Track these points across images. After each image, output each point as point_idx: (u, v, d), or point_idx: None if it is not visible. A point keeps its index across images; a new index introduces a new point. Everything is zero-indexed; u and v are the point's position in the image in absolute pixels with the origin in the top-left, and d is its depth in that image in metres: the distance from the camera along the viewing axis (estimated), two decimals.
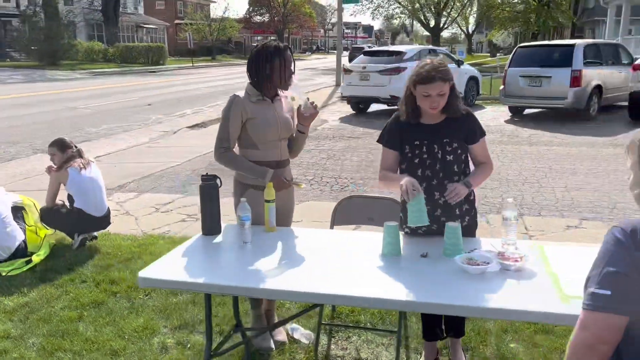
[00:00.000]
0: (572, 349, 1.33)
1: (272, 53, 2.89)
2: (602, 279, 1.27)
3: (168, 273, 2.30)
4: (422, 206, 2.42)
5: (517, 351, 3.04)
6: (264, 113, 2.94)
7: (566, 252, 2.43)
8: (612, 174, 7.08)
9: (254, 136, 2.93)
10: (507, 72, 12.48)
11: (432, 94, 2.49)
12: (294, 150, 3.15)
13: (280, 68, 2.89)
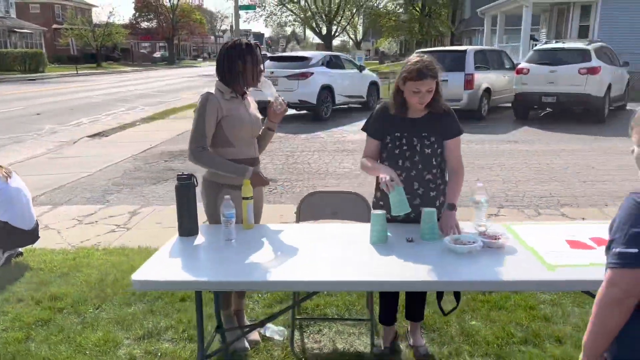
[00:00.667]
0: (600, 306, 1.49)
1: (244, 50, 2.89)
2: (628, 239, 1.44)
3: (163, 274, 2.22)
4: (402, 196, 2.55)
5: (478, 328, 3.28)
6: (238, 110, 2.93)
7: (530, 230, 2.68)
8: (515, 167, 7.78)
9: (229, 134, 2.90)
10: None
11: (422, 90, 2.63)
12: (260, 147, 3.16)
13: (252, 65, 2.90)
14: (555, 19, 22.77)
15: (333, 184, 6.99)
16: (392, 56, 60.95)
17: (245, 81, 2.94)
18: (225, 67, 2.92)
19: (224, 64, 2.92)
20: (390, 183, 2.54)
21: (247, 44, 2.93)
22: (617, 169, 7.58)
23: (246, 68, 2.89)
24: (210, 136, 2.88)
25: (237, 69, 2.89)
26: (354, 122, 12.92)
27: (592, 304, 3.31)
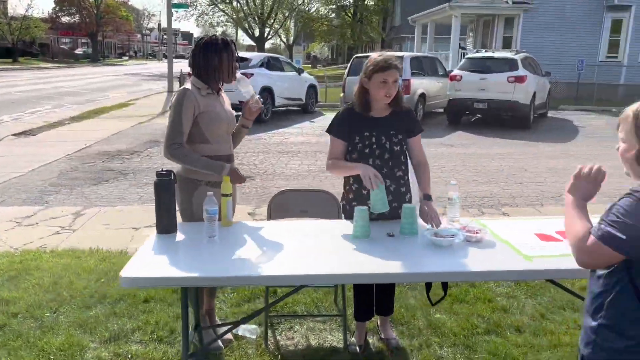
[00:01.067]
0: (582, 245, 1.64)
1: (220, 46, 2.87)
2: (621, 226, 1.57)
3: (152, 271, 2.17)
4: (384, 194, 2.63)
5: (443, 320, 3.42)
6: (214, 106, 2.90)
7: (500, 225, 2.84)
8: (454, 169, 8.13)
9: (205, 130, 2.86)
10: (346, 80, 13.42)
11: (389, 81, 2.73)
12: (234, 144, 3.14)
13: (228, 61, 2.88)
14: (481, 29, 23.96)
15: (282, 185, 6.99)
16: (324, 60, 61.61)
17: (222, 77, 2.92)
18: (201, 62, 2.89)
19: (199, 60, 2.89)
20: (375, 180, 2.61)
21: (224, 40, 2.92)
22: (547, 172, 8.11)
23: (222, 64, 2.88)
24: (187, 132, 2.83)
25: (213, 65, 2.87)
26: (294, 125, 13.01)
27: (544, 296, 3.55)
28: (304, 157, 9.00)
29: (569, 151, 10.02)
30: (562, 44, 20.32)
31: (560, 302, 3.68)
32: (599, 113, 16.97)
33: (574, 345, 3.10)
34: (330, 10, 45.48)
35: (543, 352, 3.06)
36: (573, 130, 12.97)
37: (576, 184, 1.80)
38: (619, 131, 1.74)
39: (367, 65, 2.78)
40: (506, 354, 3.02)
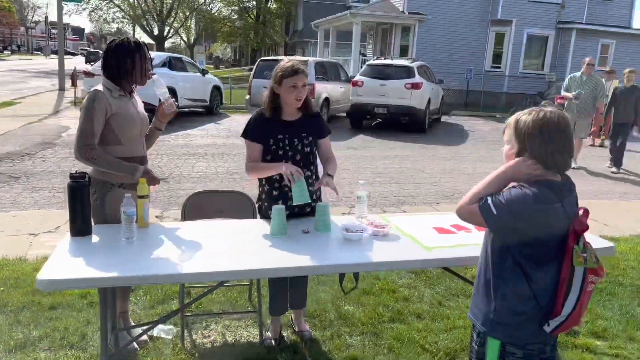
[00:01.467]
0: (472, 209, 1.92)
1: (133, 48, 2.88)
2: (500, 205, 1.83)
3: (70, 273, 2.16)
4: (305, 187, 2.80)
5: (352, 311, 3.65)
6: (127, 108, 2.90)
7: (403, 220, 3.11)
8: (358, 170, 8.51)
9: (118, 132, 2.86)
10: (252, 82, 13.48)
11: (299, 85, 2.90)
12: (147, 146, 3.15)
13: (140, 63, 2.90)
14: (380, 37, 25.02)
15: (190, 187, 6.95)
16: (227, 62, 60.92)
17: (134, 79, 2.93)
18: (113, 64, 2.88)
19: (111, 62, 2.88)
20: (296, 174, 2.77)
21: (136, 42, 2.94)
22: (441, 173, 8.74)
23: (135, 66, 2.90)
24: (99, 134, 2.82)
25: (126, 67, 2.88)
26: (199, 126, 12.84)
27: (440, 285, 3.89)
28: (211, 159, 8.96)
29: (460, 153, 10.84)
30: (453, 53, 21.81)
31: (455, 290, 4.06)
32: (486, 119, 18.40)
33: (467, 327, 3.45)
34: (232, 11, 45.11)
35: (441, 335, 3.38)
36: (463, 134, 14.00)
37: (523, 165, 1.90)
38: (504, 135, 2.02)
39: (277, 72, 2.94)
40: (409, 339, 3.30)
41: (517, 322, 1.91)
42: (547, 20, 22.41)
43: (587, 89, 9.11)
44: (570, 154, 1.91)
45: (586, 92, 9.08)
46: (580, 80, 9.25)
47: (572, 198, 1.93)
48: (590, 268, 1.83)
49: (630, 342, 3.37)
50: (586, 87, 9.12)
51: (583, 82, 9.21)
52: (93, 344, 3.07)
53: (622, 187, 8.37)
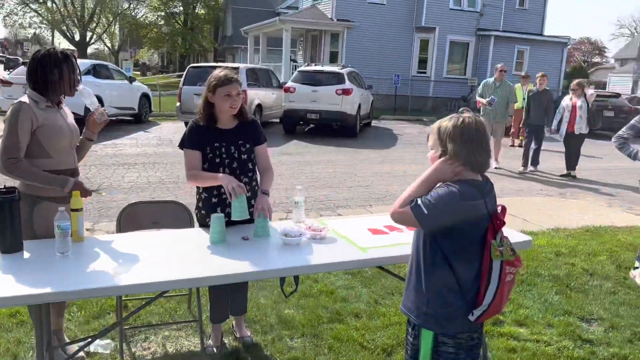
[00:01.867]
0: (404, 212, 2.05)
1: (60, 59, 2.83)
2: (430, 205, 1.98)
3: (4, 291, 2.10)
4: (245, 202, 2.84)
5: (292, 315, 3.72)
6: (54, 120, 2.84)
7: (339, 223, 3.23)
8: (293, 176, 8.61)
9: (46, 144, 2.79)
10: (182, 90, 13.27)
11: (233, 94, 2.95)
12: (78, 158, 3.09)
13: (68, 74, 2.85)
14: (310, 43, 25.32)
15: (121, 199, 6.78)
16: (154, 68, 59.34)
17: (62, 90, 2.88)
18: (39, 76, 2.82)
19: (37, 73, 2.81)
20: (237, 189, 2.80)
21: (63, 52, 2.88)
22: (373, 176, 9.00)
23: (63, 77, 2.84)
24: (25, 147, 2.74)
25: (53, 78, 2.82)
26: (128, 135, 12.50)
27: (376, 284, 4.05)
28: (141, 169, 8.76)
29: (391, 157, 11.20)
30: (381, 59, 22.45)
31: (390, 288, 4.23)
32: (413, 122, 19.06)
33: (402, 323, 3.62)
34: (159, 17, 44.08)
35: (378, 332, 3.52)
36: (393, 138, 14.45)
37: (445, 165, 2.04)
38: (429, 141, 2.17)
39: (210, 81, 2.98)
40: (348, 338, 3.42)
41: (447, 314, 2.06)
42: (468, 28, 23.56)
43: (500, 95, 9.64)
44: (488, 154, 2.09)
45: (500, 97, 9.60)
46: (494, 86, 9.77)
47: (492, 196, 2.11)
48: (506, 260, 1.99)
49: (549, 328, 3.66)
50: (499, 92, 9.66)
51: (496, 87, 9.73)
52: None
53: (539, 185, 8.96)
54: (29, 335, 3.27)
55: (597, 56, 58.11)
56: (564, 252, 5.17)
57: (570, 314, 3.85)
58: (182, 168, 3.26)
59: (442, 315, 2.07)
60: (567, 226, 6.22)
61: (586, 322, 3.77)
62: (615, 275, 4.65)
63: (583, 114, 9.05)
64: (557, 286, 4.34)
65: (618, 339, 3.50)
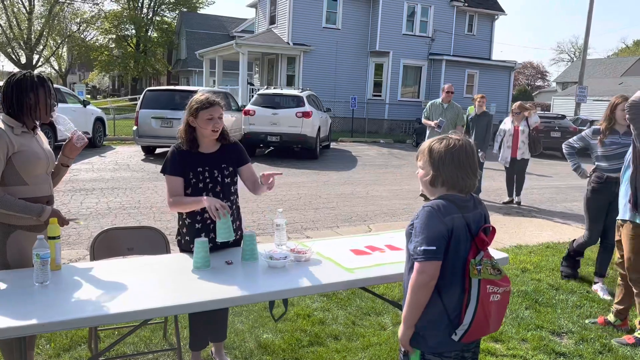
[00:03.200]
0: (414, 288, 2.03)
1: (36, 83, 2.75)
2: (428, 239, 2.02)
3: None
4: (230, 223, 2.81)
5: (271, 339, 3.67)
6: (30, 146, 2.74)
7: (320, 244, 3.24)
8: (257, 199, 8.56)
9: (22, 171, 2.69)
10: (139, 113, 13.03)
11: (215, 116, 2.93)
12: (53, 184, 2.99)
13: (44, 99, 2.77)
14: (266, 67, 25.45)
15: (81, 226, 6.55)
16: (104, 91, 58.09)
17: (38, 115, 2.79)
18: (14, 100, 2.72)
19: (12, 97, 2.72)
20: (222, 210, 2.77)
21: (39, 76, 2.81)
22: (337, 197, 9.06)
23: (39, 102, 2.76)
24: (0, 175, 2.64)
25: (28, 103, 2.74)
26: (83, 160, 12.14)
27: (352, 306, 4.07)
28: (100, 194, 8.51)
29: (352, 178, 11.31)
30: (337, 83, 22.81)
31: (365, 309, 4.25)
32: (370, 144, 19.36)
33: (381, 344, 3.64)
34: (110, 39, 43.38)
35: (359, 353, 3.52)
36: (352, 160, 14.62)
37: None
38: (418, 160, 2.22)
39: (192, 105, 2.95)
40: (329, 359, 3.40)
41: (433, 333, 2.09)
42: (420, 52, 24.30)
43: (449, 117, 8.94)
44: (476, 175, 2.15)
45: (447, 119, 8.88)
46: (442, 108, 9.05)
47: (476, 214, 2.15)
48: (488, 279, 2.01)
49: (524, 342, 3.76)
50: (447, 114, 8.94)
51: (444, 109, 9.01)
52: None
53: (488, 206, 9.25)
54: None
55: (540, 80, 60.97)
56: (529, 268, 5.34)
57: (542, 328, 3.97)
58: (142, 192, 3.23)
59: (427, 334, 2.09)
60: (527, 243, 6.44)
61: (558, 336, 3.89)
62: (579, 289, 4.84)
63: (525, 139, 8.65)
64: (526, 302, 4.47)
65: (589, 351, 3.63)
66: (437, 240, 2.00)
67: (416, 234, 2.05)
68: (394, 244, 3.24)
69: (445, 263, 2.02)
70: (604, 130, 4.63)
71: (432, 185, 2.16)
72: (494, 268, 2.05)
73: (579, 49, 61.46)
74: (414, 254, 2.04)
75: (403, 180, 11.36)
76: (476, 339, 2.13)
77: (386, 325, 3.94)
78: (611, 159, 4.59)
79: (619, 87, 33.02)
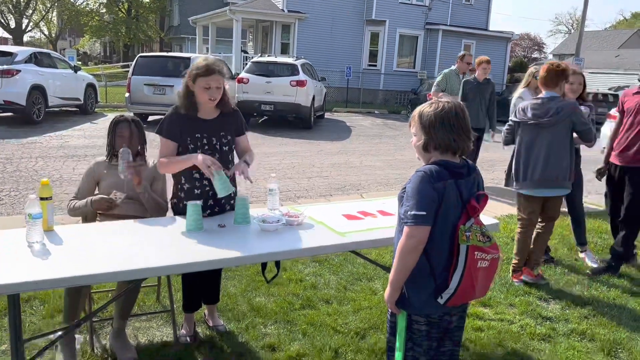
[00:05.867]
0: (402, 252, 2.05)
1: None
2: (418, 204, 2.03)
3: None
4: (225, 177, 2.80)
5: (263, 303, 3.73)
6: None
7: (313, 209, 3.25)
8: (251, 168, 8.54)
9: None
10: (131, 80, 12.87)
11: (212, 86, 2.88)
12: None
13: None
14: (260, 34, 25.09)
15: (73, 191, 6.52)
16: (96, 58, 57.23)
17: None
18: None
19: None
20: (214, 166, 2.77)
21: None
22: (331, 167, 9.07)
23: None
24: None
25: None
26: (74, 127, 12.04)
27: (344, 271, 4.11)
28: (92, 160, 8.44)
29: (346, 148, 11.30)
30: (332, 52, 22.54)
31: (357, 275, 4.30)
32: (365, 115, 19.29)
33: (372, 308, 3.70)
34: (100, 4, 42.49)
35: (349, 316, 3.58)
36: (347, 130, 14.58)
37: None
38: (411, 128, 2.21)
39: (192, 70, 2.90)
40: (321, 323, 3.46)
41: (418, 296, 2.12)
42: (417, 21, 24.00)
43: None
44: (469, 137, 2.14)
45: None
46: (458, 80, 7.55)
47: (469, 181, 2.15)
48: (476, 246, 2.02)
49: (511, 307, 3.83)
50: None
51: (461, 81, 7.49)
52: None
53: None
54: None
55: (536, 52, 60.55)
56: None
57: (529, 294, 4.04)
58: None
59: (413, 296, 2.12)
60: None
61: (545, 302, 3.97)
62: (567, 257, 4.91)
63: None
64: None
65: (575, 316, 3.71)
66: (428, 205, 2.01)
67: (407, 198, 2.07)
68: (386, 210, 3.26)
69: (434, 228, 2.03)
70: None
71: (425, 150, 2.15)
72: (483, 235, 2.07)
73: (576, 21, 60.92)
74: (404, 217, 2.05)
75: (397, 151, 11.36)
76: (462, 303, 2.16)
77: (377, 290, 4.00)
78: None
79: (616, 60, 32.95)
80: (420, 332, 2.15)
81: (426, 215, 2.01)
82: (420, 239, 2.03)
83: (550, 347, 3.31)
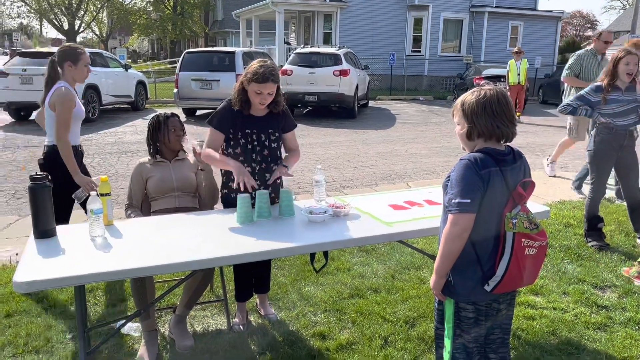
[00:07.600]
0: (446, 239, 2.06)
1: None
2: (462, 192, 2.04)
3: (47, 273, 2.15)
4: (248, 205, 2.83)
5: (313, 292, 3.80)
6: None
7: (359, 200, 3.29)
8: (305, 157, 8.63)
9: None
10: (179, 76, 13.20)
11: (264, 93, 2.95)
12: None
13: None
14: (302, 25, 25.14)
15: (127, 185, 6.78)
16: (145, 55, 58.80)
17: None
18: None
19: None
20: (248, 183, 2.83)
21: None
22: (376, 156, 9.05)
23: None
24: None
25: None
26: (127, 123, 12.48)
27: (391, 260, 4.11)
28: (145, 155, 8.74)
29: (391, 136, 11.24)
30: (375, 39, 22.36)
31: (405, 264, 4.31)
32: (409, 102, 19.07)
33: (420, 297, 3.71)
34: (147, 3, 43.58)
35: (398, 305, 3.60)
36: (391, 118, 14.48)
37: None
38: (454, 117, 2.21)
39: (248, 71, 2.97)
40: (370, 312, 3.50)
41: (465, 283, 2.12)
42: (461, 4, 23.46)
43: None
44: (513, 123, 2.12)
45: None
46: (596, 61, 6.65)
47: (515, 168, 2.13)
48: (523, 233, 2.01)
49: (565, 296, 3.75)
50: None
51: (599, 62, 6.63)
52: (59, 346, 3.04)
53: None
54: (58, 319, 3.34)
55: (589, 30, 58.03)
56: (572, 223, 5.26)
57: (584, 282, 3.95)
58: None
59: (460, 284, 2.12)
60: (571, 198, 6.31)
61: (600, 290, 3.87)
62: (624, 243, 4.75)
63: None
64: (568, 256, 4.44)
65: (633, 304, 3.60)
66: (472, 193, 2.01)
67: (452, 186, 2.07)
68: (432, 199, 3.26)
69: (479, 215, 2.03)
70: (607, 87, 4.42)
71: (468, 138, 2.15)
72: (530, 222, 2.05)
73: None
74: (448, 205, 2.06)
75: (443, 138, 11.21)
76: (510, 290, 2.15)
77: (425, 279, 4.00)
78: (615, 116, 4.41)
79: None
80: (468, 319, 2.16)
81: (470, 203, 2.00)
82: (464, 227, 2.03)
83: (606, 336, 3.23)
